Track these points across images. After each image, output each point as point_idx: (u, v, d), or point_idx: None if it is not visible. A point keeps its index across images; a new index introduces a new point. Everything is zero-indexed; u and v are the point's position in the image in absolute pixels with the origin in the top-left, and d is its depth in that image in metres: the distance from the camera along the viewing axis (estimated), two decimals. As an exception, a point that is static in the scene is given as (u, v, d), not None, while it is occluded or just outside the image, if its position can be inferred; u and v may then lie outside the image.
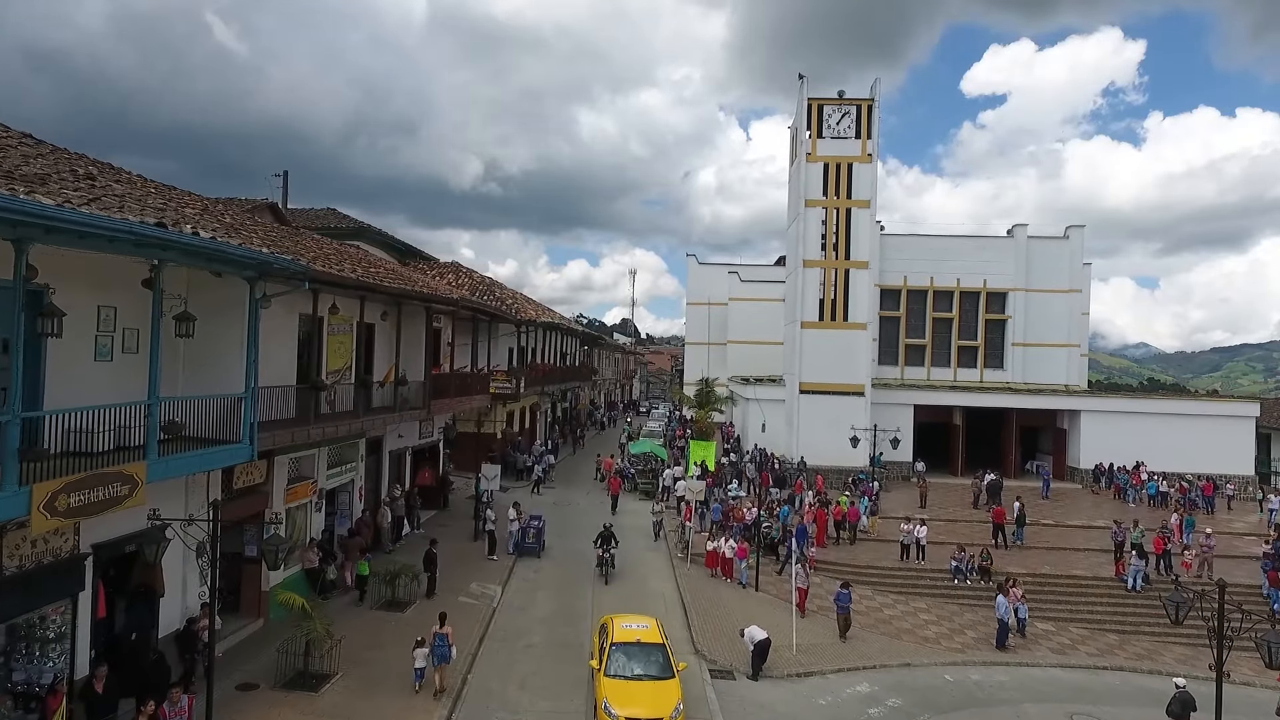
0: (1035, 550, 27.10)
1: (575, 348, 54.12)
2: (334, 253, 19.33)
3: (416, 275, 25.32)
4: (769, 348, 60.96)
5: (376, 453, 22.54)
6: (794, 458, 37.95)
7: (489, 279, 41.74)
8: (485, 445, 34.86)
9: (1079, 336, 50.23)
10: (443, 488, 28.08)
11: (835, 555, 25.76)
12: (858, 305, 38.10)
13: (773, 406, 41.30)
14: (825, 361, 38.02)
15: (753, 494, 31.23)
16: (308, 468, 18.40)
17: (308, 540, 18.34)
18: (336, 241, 25.25)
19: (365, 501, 21.77)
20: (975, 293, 49.40)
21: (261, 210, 26.52)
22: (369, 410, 19.35)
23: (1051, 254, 49.55)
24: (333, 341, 19.17)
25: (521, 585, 21.36)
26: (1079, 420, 40.50)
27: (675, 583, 22.32)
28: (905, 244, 48.18)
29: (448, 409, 25.45)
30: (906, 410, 40.38)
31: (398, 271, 22.71)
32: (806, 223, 38.37)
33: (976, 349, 49.62)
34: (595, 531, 27.61)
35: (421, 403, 22.31)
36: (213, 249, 10.99)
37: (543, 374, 38.38)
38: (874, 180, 38.11)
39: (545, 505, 31.23)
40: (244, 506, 15.78)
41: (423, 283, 22.63)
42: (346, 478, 20.53)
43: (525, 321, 33.47)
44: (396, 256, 39.21)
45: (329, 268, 15.27)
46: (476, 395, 27.75)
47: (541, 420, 46.09)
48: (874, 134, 38.08)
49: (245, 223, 17.34)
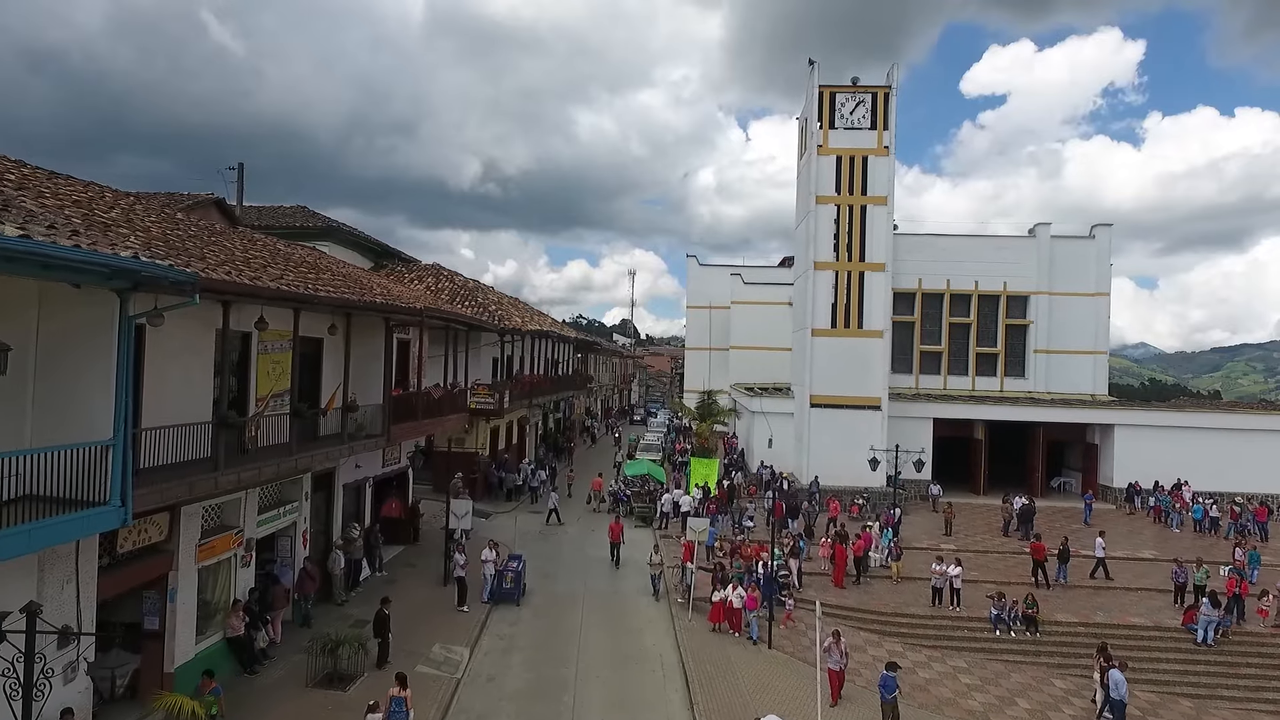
0: (1081, 591, 24.00)
1: (568, 355, 51.00)
2: (268, 255, 16.22)
3: (379, 281, 22.18)
4: (774, 354, 57.88)
5: (327, 487, 19.41)
6: (805, 477, 34.84)
7: (474, 283, 38.66)
8: (466, 465, 31.78)
9: (1105, 342, 47.22)
10: (412, 519, 24.95)
11: (856, 599, 22.64)
12: (873, 311, 35.00)
13: (780, 420, 38.20)
14: (838, 372, 34.92)
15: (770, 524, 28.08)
16: (231, 515, 15.27)
17: (231, 602, 15.20)
18: (286, 243, 22.13)
19: (312, 546, 18.64)
20: (994, 296, 46.38)
21: (205, 207, 23.42)
22: (310, 442, 16.24)
23: (1076, 255, 46.54)
24: (265, 362, 16.05)
25: (495, 645, 18.23)
26: (1112, 435, 37.38)
27: (675, 638, 19.19)
28: (919, 244, 45.07)
29: (416, 433, 22.34)
30: (925, 424, 37.28)
31: (353, 277, 19.59)
32: (817, 221, 35.26)
33: (996, 356, 46.58)
34: (585, 567, 24.60)
35: (381, 428, 19.21)
36: (27, 251, 7.87)
37: (530, 387, 35.25)
38: (891, 175, 35.03)
39: (530, 535, 28.18)
40: (136, 573, 12.66)
41: (381, 290, 19.51)
42: (286, 520, 17.40)
43: (509, 330, 30.35)
44: (372, 259, 36.18)
45: (240, 275, 12.15)
46: (451, 415, 24.64)
47: (532, 434, 42.98)
48: (890, 125, 35.00)
49: (165, 221, 14.25)
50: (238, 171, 27.11)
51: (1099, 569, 24.63)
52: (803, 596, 21.94)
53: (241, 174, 27.19)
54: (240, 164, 27.36)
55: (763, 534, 27.55)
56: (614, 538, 25.29)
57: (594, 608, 21.03)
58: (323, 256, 22.25)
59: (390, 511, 23.77)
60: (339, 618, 18.35)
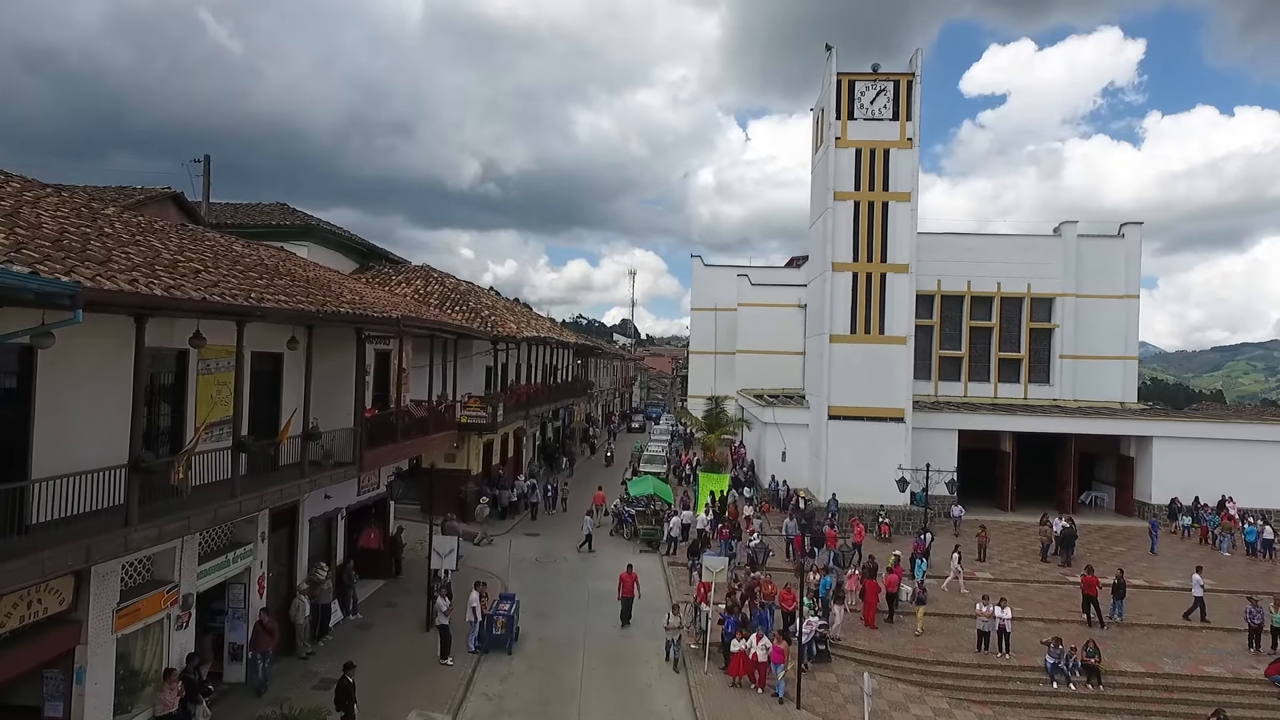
0: (1139, 630, 21.53)
1: (568, 361, 48.50)
2: (211, 258, 13.71)
3: (354, 286, 19.67)
4: (783, 358, 55.36)
5: (290, 523, 16.92)
6: (822, 494, 32.36)
7: (467, 285, 36.20)
8: (457, 484, 29.32)
9: (1135, 347, 44.76)
10: (394, 551, 22.47)
11: (891, 642, 20.14)
12: (896, 315, 32.49)
13: (795, 431, 35.71)
14: (858, 381, 32.42)
15: (792, 558, 25.69)
16: (164, 568, 12.79)
17: (164, 672, 12.70)
18: (247, 243, 19.63)
19: (271, 593, 16.15)
20: (1018, 298, 43.99)
21: (161, 203, 20.96)
22: (260, 478, 13.77)
23: (1104, 255, 44.15)
24: (208, 385, 13.60)
25: (481, 709, 15.72)
26: (1150, 447, 34.87)
27: (689, 696, 16.71)
28: (939, 243, 42.63)
29: (395, 457, 19.83)
30: (949, 437, 34.81)
31: (319, 282, 17.08)
32: (835, 219, 32.76)
33: (1020, 362, 44.18)
34: (586, 603, 22.07)
35: (352, 455, 16.73)
36: None
37: (526, 397, 32.76)
38: (915, 169, 32.54)
39: (525, 562, 25.68)
40: (27, 654, 10.18)
41: (352, 296, 17.00)
42: (238, 567, 14.92)
43: (503, 338, 27.85)
44: (357, 260, 33.73)
45: (153, 283, 9.64)
46: (438, 434, 22.16)
47: (529, 446, 40.50)
48: (914, 115, 32.51)
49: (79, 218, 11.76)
50: (204, 165, 24.62)
51: (1196, 610, 21.96)
52: (840, 641, 19.54)
53: (208, 168, 24.70)
54: (206, 156, 24.84)
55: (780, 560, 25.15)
56: (625, 591, 20.15)
57: (597, 656, 18.53)
58: (289, 259, 19.74)
59: (368, 542, 21.30)
60: (302, 675, 15.91)
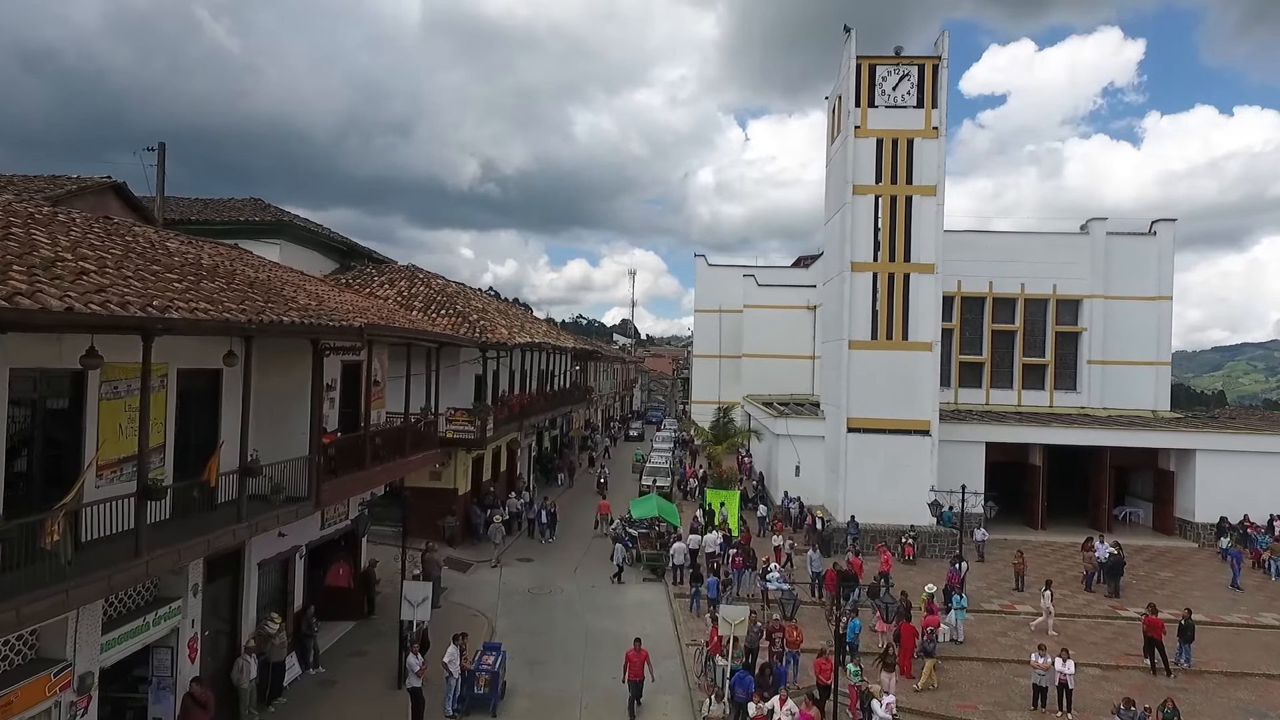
0: (1212, 679, 18.98)
1: (566, 366, 45.96)
2: (121, 255, 11.14)
3: (312, 289, 17.06)
4: (792, 362, 52.92)
5: (232, 570, 14.36)
6: (840, 513, 29.83)
7: (455, 286, 33.62)
8: (442, 504, 26.81)
9: (1167, 352, 42.22)
10: (366, 588, 19.92)
11: (932, 697, 17.57)
12: (921, 319, 29.96)
13: (809, 444, 33.18)
14: (879, 391, 29.89)
15: (819, 597, 23.03)
16: (52, 642, 10.25)
17: (53, 774, 10.15)
18: (189, 239, 17.04)
19: (207, 655, 13.59)
20: (1043, 300, 41.50)
21: (99, 194, 18.42)
22: (186, 524, 11.21)
23: (1135, 254, 41.65)
24: (113, 412, 11.04)
25: (457, 793, 13.18)
26: (1193, 461, 32.33)
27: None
28: (959, 242, 39.95)
29: (362, 487, 17.25)
30: (976, 450, 32.34)
31: (268, 285, 14.49)
32: (854, 215, 30.22)
33: (1045, 367, 41.69)
34: (583, 646, 19.51)
35: (307, 489, 14.18)
36: None
37: (519, 408, 30.20)
38: (941, 161, 30.01)
39: (516, 595, 23.13)
40: None
41: (309, 301, 14.41)
42: (161, 629, 12.37)
43: (492, 345, 25.30)
44: (336, 259, 31.21)
45: (24, 286, 7.09)
46: (416, 455, 19.62)
47: (525, 457, 37.96)
48: (940, 102, 30.00)
49: None
50: (158, 155, 22.04)
51: None
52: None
53: (162, 157, 22.08)
54: (161, 144, 22.18)
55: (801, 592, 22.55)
56: (633, 674, 15.67)
57: (597, 717, 15.99)
58: (240, 258, 17.15)
59: (336, 580, 18.72)
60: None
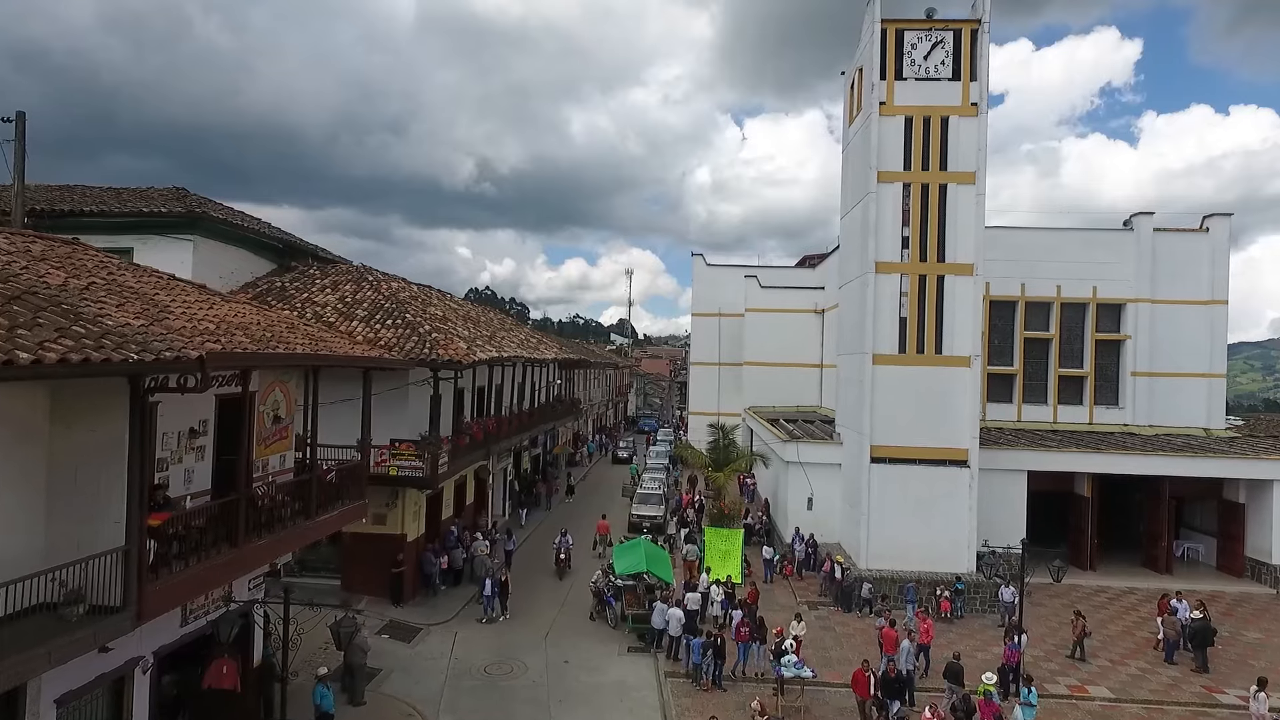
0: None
1: (549, 377, 41.42)
2: None
3: (169, 301, 12.46)
4: (797, 370, 48.39)
5: (10, 713, 9.81)
6: (861, 558, 25.38)
7: (414, 291, 28.84)
8: (387, 553, 22.33)
9: (1222, 364, 37.78)
10: (262, 685, 15.36)
11: None
12: (958, 330, 25.48)
13: (824, 472, 28.72)
14: (909, 413, 25.44)
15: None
16: None
17: None
18: (19, 235, 12.44)
19: None
20: (1081, 304, 37.03)
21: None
22: None
23: (1185, 253, 37.16)
24: None
25: None
26: (1270, 494, 27.91)
27: None
28: (987, 239, 35.52)
29: (226, 575, 12.65)
30: (1017, 480, 27.99)
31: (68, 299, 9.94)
32: (879, 206, 25.73)
33: (1084, 379, 37.20)
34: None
35: (123, 595, 9.65)
36: None
37: (481, 436, 25.62)
38: (982, 143, 25.52)
39: (468, 676, 18.54)
40: None
41: (116, 323, 9.85)
42: None
43: (445, 364, 20.71)
44: (271, 258, 26.64)
45: None
46: (329, 514, 15.10)
47: (500, 485, 33.43)
48: (980, 74, 25.51)
49: None
50: (16, 127, 17.46)
51: None
52: None
53: (21, 130, 17.47)
54: (20, 113, 17.63)
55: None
56: None
57: None
58: (73, 258, 12.50)
59: (219, 682, 14.17)
60: None
